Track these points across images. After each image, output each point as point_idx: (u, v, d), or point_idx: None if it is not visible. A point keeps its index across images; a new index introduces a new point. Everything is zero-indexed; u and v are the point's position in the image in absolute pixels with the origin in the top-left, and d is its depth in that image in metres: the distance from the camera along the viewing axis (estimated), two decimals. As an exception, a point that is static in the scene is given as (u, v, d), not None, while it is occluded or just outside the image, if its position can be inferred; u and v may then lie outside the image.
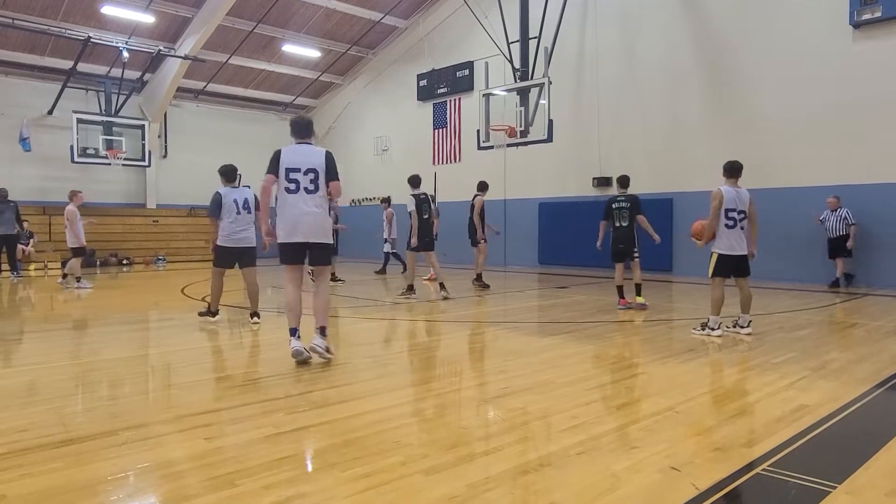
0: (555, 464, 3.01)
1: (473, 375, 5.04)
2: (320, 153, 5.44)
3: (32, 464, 3.00)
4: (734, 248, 6.55)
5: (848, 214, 11.22)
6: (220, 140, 22.23)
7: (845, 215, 11.23)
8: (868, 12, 11.29)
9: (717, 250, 6.61)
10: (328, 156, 5.45)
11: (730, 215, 6.53)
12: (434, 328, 7.50)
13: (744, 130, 13.06)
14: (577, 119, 15.77)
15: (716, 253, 6.63)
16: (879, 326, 7.10)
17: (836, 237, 11.28)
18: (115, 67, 18.00)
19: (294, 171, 5.34)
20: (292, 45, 19.89)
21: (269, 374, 4.88)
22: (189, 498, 2.63)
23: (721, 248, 6.58)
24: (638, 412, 3.84)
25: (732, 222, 6.53)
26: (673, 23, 14.25)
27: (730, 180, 6.67)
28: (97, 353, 5.61)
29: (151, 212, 20.61)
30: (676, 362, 5.28)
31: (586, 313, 8.32)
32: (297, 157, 5.39)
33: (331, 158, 5.46)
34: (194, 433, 3.47)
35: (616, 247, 8.79)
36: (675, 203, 14.11)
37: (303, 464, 3.16)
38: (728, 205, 6.53)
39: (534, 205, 16.97)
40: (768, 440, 3.30)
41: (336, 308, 9.04)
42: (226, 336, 7.02)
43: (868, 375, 4.76)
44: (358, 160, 22.47)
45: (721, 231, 6.55)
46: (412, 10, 19.89)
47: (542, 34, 13.81)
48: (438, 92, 19.47)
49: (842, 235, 11.18)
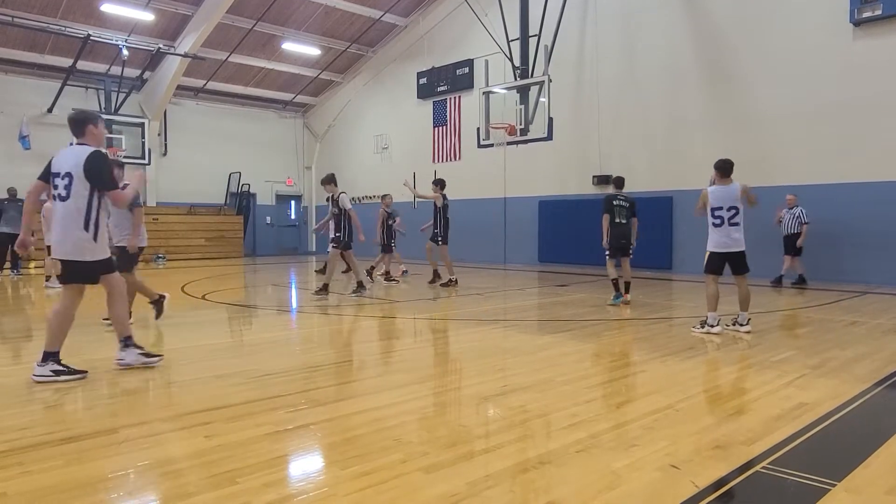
0: (554, 462, 3.01)
1: (473, 373, 5.04)
2: (81, 154, 4.63)
3: (33, 462, 3.00)
4: (725, 245, 6.62)
5: (802, 213, 11.30)
6: (219, 138, 22.25)
7: (800, 214, 11.31)
8: (869, 10, 11.28)
9: (708, 248, 6.74)
10: (90, 157, 4.61)
11: (716, 214, 6.61)
12: (434, 326, 7.51)
13: (744, 128, 13.06)
14: (577, 117, 15.76)
15: (708, 251, 6.75)
16: (879, 324, 7.10)
17: (789, 234, 11.38)
18: (115, 65, 18.00)
19: (55, 175, 4.69)
20: (292, 43, 19.88)
21: (269, 372, 4.88)
22: (189, 496, 2.64)
23: (711, 245, 6.70)
24: (637, 410, 3.85)
25: (719, 220, 6.61)
26: (673, 21, 14.24)
27: (722, 179, 6.67)
28: (97, 352, 5.61)
29: (151, 210, 20.57)
30: (676, 360, 5.28)
31: (586, 311, 8.33)
32: (60, 160, 4.71)
33: (92, 160, 4.60)
34: (194, 431, 3.47)
35: (619, 242, 8.91)
36: (674, 201, 14.11)
37: (303, 461, 3.16)
38: (714, 203, 6.61)
39: (534, 203, 16.97)
40: (768, 438, 3.30)
41: (336, 307, 9.05)
42: (225, 334, 7.02)
43: (868, 373, 4.76)
44: (358, 158, 22.48)
45: (712, 230, 6.68)
46: (412, 8, 19.87)
47: (543, 32, 13.80)
48: (438, 90, 19.46)
49: (796, 233, 11.29)
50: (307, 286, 12.45)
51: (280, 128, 24.22)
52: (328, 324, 7.89)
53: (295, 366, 5.18)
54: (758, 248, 8.29)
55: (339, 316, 8.28)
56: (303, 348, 6.32)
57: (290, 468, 3.03)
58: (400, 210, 14.66)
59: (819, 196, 11.89)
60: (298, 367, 5.11)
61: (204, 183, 21.96)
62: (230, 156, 22.44)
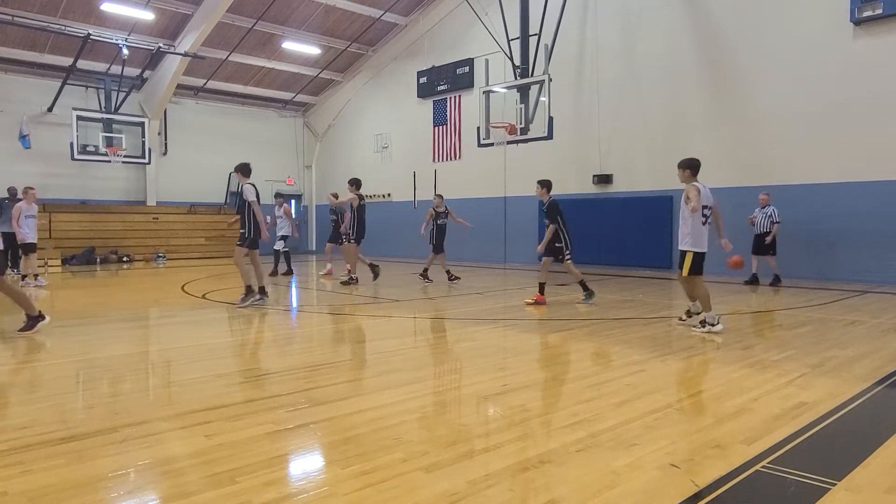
0: (555, 461, 3.01)
1: (473, 373, 5.04)
2: None
3: (33, 461, 3.01)
4: (705, 246, 6.60)
5: (774, 213, 11.30)
6: (219, 137, 22.24)
7: (771, 213, 11.32)
8: (869, 9, 11.27)
9: (694, 248, 6.59)
10: None
11: (704, 212, 6.55)
12: (434, 326, 7.51)
13: (744, 128, 13.06)
14: (577, 116, 15.76)
15: (691, 252, 6.59)
16: (879, 323, 7.10)
17: (760, 233, 11.38)
18: (115, 64, 18.00)
19: None
20: (292, 42, 19.87)
21: (269, 371, 4.89)
22: (189, 494, 2.64)
23: (698, 246, 6.59)
24: (637, 409, 3.85)
25: (705, 219, 6.58)
26: (673, 20, 14.23)
27: (693, 178, 6.61)
28: (98, 350, 5.61)
29: (151, 209, 20.61)
30: (676, 359, 5.28)
31: (586, 311, 8.33)
32: None
33: None
34: (195, 430, 3.47)
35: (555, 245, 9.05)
36: (675, 201, 14.10)
37: (303, 461, 3.16)
38: (704, 202, 6.52)
39: (534, 202, 16.91)
40: (768, 437, 3.30)
41: (336, 306, 9.04)
42: (226, 333, 7.02)
43: (867, 372, 4.76)
44: (358, 157, 22.46)
45: (699, 230, 6.55)
46: (412, 7, 19.86)
47: (543, 31, 13.80)
48: (439, 89, 19.45)
49: (767, 232, 11.30)
50: (305, 285, 12.45)
51: (280, 127, 24.22)
52: (328, 323, 7.89)
53: (295, 365, 5.18)
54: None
55: (340, 315, 8.28)
56: (303, 347, 6.32)
57: (291, 467, 3.03)
58: (398, 209, 14.54)
59: (818, 195, 11.88)
60: (298, 367, 5.11)
61: (204, 182, 21.95)
62: (230, 155, 22.38)
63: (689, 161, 6.70)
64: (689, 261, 6.62)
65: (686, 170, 6.67)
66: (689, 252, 6.61)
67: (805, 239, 12.08)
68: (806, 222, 12.01)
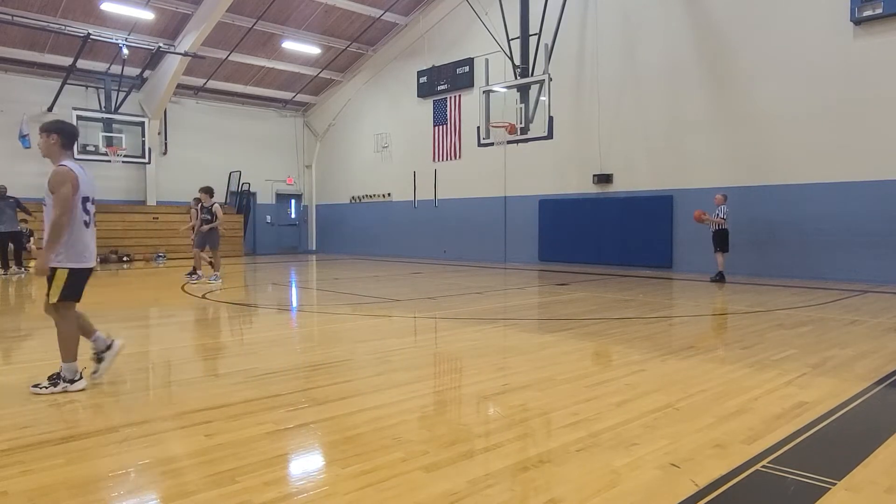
0: (555, 460, 3.01)
1: (473, 372, 5.04)
2: None
3: (34, 460, 3.01)
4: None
5: (722, 210, 11.40)
6: (219, 137, 22.25)
7: (719, 211, 11.41)
8: (869, 9, 11.28)
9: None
10: None
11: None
12: (433, 325, 7.51)
13: (744, 127, 13.06)
14: (577, 116, 15.76)
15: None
16: (879, 323, 7.10)
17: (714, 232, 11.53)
18: (115, 64, 17.99)
19: None
20: (292, 42, 19.87)
21: (269, 371, 4.89)
22: (189, 494, 2.64)
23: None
24: (637, 409, 3.85)
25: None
26: (673, 19, 14.23)
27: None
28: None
29: (151, 209, 20.60)
30: (676, 359, 5.28)
31: (586, 310, 8.33)
32: None
33: None
34: (195, 430, 3.47)
35: None
36: (675, 200, 14.11)
37: (303, 460, 3.16)
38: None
39: (534, 202, 16.97)
40: (768, 437, 3.30)
41: (336, 306, 9.05)
42: (226, 333, 7.02)
43: (868, 372, 4.76)
44: (358, 157, 22.47)
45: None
46: (412, 7, 19.86)
47: (543, 31, 13.79)
48: (439, 89, 19.45)
49: (720, 230, 11.39)
50: (308, 286, 12.44)
51: (280, 127, 24.22)
52: (328, 322, 7.89)
53: (295, 364, 5.18)
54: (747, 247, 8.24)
55: (340, 315, 8.28)
56: (303, 347, 6.32)
57: (291, 467, 3.03)
58: (398, 208, 14.57)
59: (819, 195, 11.88)
60: (298, 366, 5.11)
61: (204, 182, 21.84)
62: (230, 155, 22.45)
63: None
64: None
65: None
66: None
67: (805, 239, 12.08)
68: (806, 222, 12.02)
